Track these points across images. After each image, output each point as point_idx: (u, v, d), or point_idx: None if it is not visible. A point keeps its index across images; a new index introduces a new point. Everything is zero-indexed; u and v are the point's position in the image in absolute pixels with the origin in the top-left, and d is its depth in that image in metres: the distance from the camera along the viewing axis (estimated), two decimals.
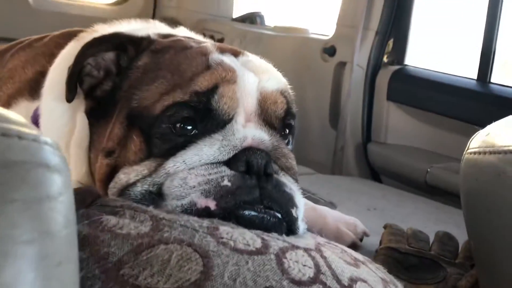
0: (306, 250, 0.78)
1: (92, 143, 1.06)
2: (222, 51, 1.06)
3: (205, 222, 0.76)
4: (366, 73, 2.76)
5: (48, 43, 1.34)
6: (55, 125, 1.13)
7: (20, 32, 2.07)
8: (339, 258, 0.81)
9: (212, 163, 0.92)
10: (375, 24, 2.73)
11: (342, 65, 2.87)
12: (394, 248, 1.45)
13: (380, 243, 1.52)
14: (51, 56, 1.23)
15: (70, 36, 1.25)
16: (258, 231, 0.82)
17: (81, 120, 1.10)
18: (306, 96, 2.99)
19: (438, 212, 2.05)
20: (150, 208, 0.77)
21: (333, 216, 1.57)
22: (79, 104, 1.10)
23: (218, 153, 0.92)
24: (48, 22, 3.01)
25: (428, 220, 1.91)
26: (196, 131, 0.95)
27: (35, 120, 1.17)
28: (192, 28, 1.41)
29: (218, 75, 0.98)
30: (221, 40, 3.45)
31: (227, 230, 0.75)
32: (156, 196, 0.91)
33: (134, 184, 0.94)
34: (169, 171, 0.92)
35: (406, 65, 2.78)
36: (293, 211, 0.94)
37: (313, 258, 0.76)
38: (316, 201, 2.04)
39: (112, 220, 0.69)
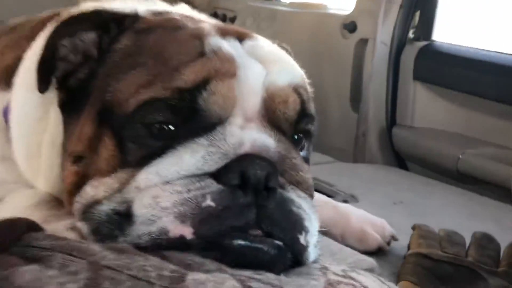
0: None
1: (65, 143, 0.89)
2: (224, 33, 0.85)
3: (169, 267, 0.57)
4: (390, 50, 2.60)
5: (35, 26, 1.16)
6: (27, 120, 0.96)
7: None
8: None
9: (195, 176, 0.73)
10: None
11: (363, 42, 2.70)
12: (425, 255, 1.29)
13: (409, 247, 1.35)
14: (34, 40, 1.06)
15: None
16: (246, 274, 0.63)
17: (55, 114, 0.92)
18: (325, 77, 2.82)
19: (472, 204, 1.90)
20: (96, 247, 0.58)
21: (357, 216, 1.41)
22: (54, 96, 0.92)
23: (203, 162, 0.73)
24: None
25: (461, 214, 1.77)
26: (180, 134, 0.76)
27: (6, 113, 1.01)
28: (205, 6, 1.22)
29: (212, 66, 0.78)
30: (233, 19, 3.28)
31: (198, 279, 0.56)
32: (123, 219, 0.73)
33: (100, 201, 0.76)
34: (139, 184, 0.74)
35: (434, 40, 2.61)
36: (301, 237, 0.75)
37: None
38: (335, 193, 1.89)
39: (28, 273, 0.51)
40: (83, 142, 0.82)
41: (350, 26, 2.73)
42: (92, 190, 0.78)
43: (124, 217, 0.73)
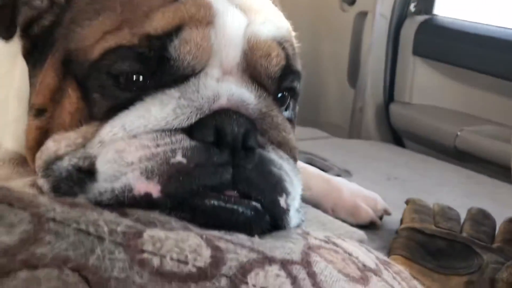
0: (283, 264, 0.53)
1: (31, 97, 0.83)
2: None
3: (125, 223, 0.51)
4: (390, 24, 2.52)
5: None
6: None
7: None
8: (337, 272, 0.56)
9: (165, 130, 0.66)
10: None
11: (362, 15, 2.63)
12: (418, 229, 1.24)
13: (401, 221, 1.31)
14: None
15: None
16: (215, 234, 0.57)
17: (22, 66, 0.85)
18: (322, 51, 2.75)
19: (469, 182, 1.86)
20: (44, 199, 0.52)
21: (350, 189, 1.36)
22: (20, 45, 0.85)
23: (173, 116, 0.67)
24: None
25: (457, 192, 1.73)
26: (149, 84, 0.70)
27: None
28: None
29: (186, 11, 0.71)
30: None
31: (156, 236, 0.50)
32: (85, 175, 0.67)
33: (62, 157, 0.70)
34: (103, 138, 0.67)
35: (435, 14, 2.53)
36: (282, 200, 0.69)
37: (293, 279, 0.51)
38: (329, 168, 1.85)
39: None
40: (45, 94, 0.75)
41: None
42: (54, 145, 0.72)
43: (86, 173, 0.67)
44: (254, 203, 0.66)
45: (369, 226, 1.30)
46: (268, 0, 0.87)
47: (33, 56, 0.81)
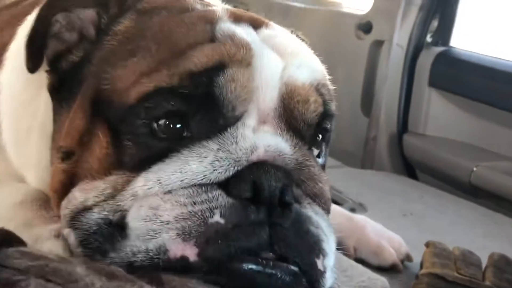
0: None
1: (54, 134, 0.80)
2: (237, 19, 0.76)
3: None
4: (406, 54, 2.50)
5: (36, 1, 1.07)
6: (15, 102, 0.88)
7: None
8: None
9: (202, 185, 0.63)
10: None
11: (378, 44, 2.62)
12: (439, 275, 1.20)
13: (421, 265, 1.27)
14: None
15: None
16: None
17: (46, 99, 0.83)
18: (336, 78, 2.63)
19: (486, 220, 1.83)
20: (81, 270, 0.49)
21: (374, 228, 1.33)
22: (45, 78, 0.83)
23: (211, 169, 0.64)
24: None
25: (475, 231, 1.71)
26: (186, 134, 0.67)
27: None
28: None
29: (226, 50, 0.69)
30: None
31: None
32: (116, 230, 0.64)
33: (91, 208, 0.67)
34: (137, 192, 0.65)
35: (452, 46, 2.52)
36: (319, 262, 0.66)
37: None
38: (343, 201, 1.82)
39: None
40: (73, 136, 0.73)
41: (365, 27, 2.65)
42: (82, 194, 0.69)
43: (117, 228, 0.64)
44: (292, 267, 0.63)
45: (389, 270, 1.27)
46: (302, 43, 0.85)
47: (59, 92, 0.79)
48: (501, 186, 2.06)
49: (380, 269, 1.24)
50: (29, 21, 0.90)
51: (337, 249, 1.24)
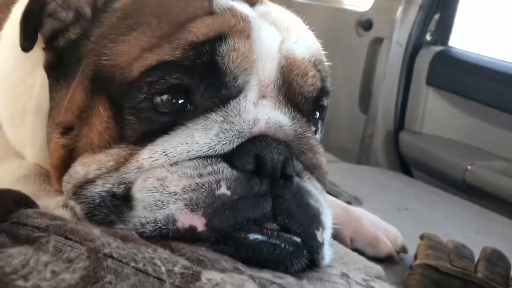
0: None
1: (51, 111, 0.80)
2: None
3: (180, 262, 0.49)
4: (405, 52, 2.53)
5: None
6: (9, 81, 0.87)
7: None
8: None
9: (206, 157, 0.65)
10: None
11: (378, 41, 2.64)
12: (432, 267, 1.21)
13: (415, 256, 1.28)
14: None
15: None
16: (267, 277, 0.56)
17: (42, 78, 0.83)
18: (335, 74, 2.68)
19: (479, 218, 1.85)
20: (97, 231, 0.50)
21: (370, 220, 1.34)
22: (40, 56, 0.82)
23: (216, 141, 0.65)
24: None
25: (467, 228, 1.72)
26: (189, 107, 0.68)
27: None
28: None
29: (226, 22, 0.70)
30: None
31: (214, 280, 0.48)
32: (122, 202, 0.65)
33: (93, 180, 0.68)
34: (142, 164, 0.65)
35: (450, 46, 2.54)
36: (318, 234, 0.68)
37: None
38: (339, 194, 1.83)
39: (17, 258, 0.43)
40: (72, 111, 0.73)
41: (365, 24, 2.67)
42: (83, 168, 0.69)
43: (122, 200, 0.65)
44: (294, 238, 0.65)
45: (385, 260, 1.28)
46: (299, 19, 0.86)
47: (57, 70, 0.79)
48: (494, 184, 2.09)
49: (376, 260, 1.26)
50: (24, 0, 0.90)
51: (334, 238, 1.26)
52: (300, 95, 0.74)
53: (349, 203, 1.68)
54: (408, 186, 2.08)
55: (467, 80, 2.35)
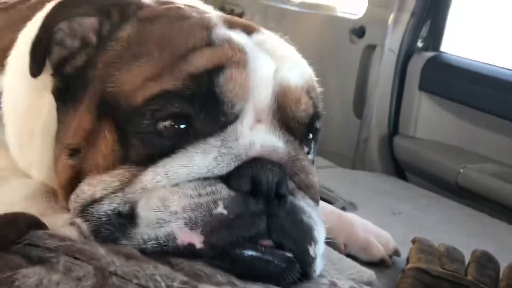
0: None
1: (58, 133, 0.85)
2: (231, 25, 0.82)
3: (179, 278, 0.54)
4: (398, 58, 2.56)
5: (34, 5, 1.11)
6: (18, 106, 0.91)
7: None
8: None
9: (205, 179, 0.69)
10: (411, 5, 2.50)
11: (371, 48, 2.68)
12: (424, 270, 1.25)
13: (407, 260, 1.32)
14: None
15: None
16: (257, 287, 0.60)
17: (49, 102, 0.87)
18: (329, 81, 2.78)
19: (471, 221, 1.89)
20: (102, 250, 0.55)
21: (363, 225, 1.38)
22: (48, 81, 0.87)
23: (214, 164, 0.70)
24: None
25: (459, 231, 1.77)
26: (189, 132, 0.73)
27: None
28: (213, 0, 1.17)
29: (223, 53, 0.75)
30: (240, 15, 3.23)
31: None
32: (126, 220, 0.69)
33: (100, 200, 0.72)
34: (146, 185, 0.70)
35: (442, 52, 2.57)
36: (311, 249, 0.72)
37: None
38: (334, 200, 1.87)
39: (32, 277, 0.47)
40: (80, 135, 0.78)
41: (358, 31, 2.71)
42: (89, 188, 0.74)
43: (127, 219, 0.70)
44: (287, 254, 0.70)
45: (378, 264, 1.32)
46: (292, 47, 0.91)
47: (65, 94, 0.84)
48: (486, 187, 2.12)
49: (369, 264, 1.30)
50: (30, 27, 0.93)
51: (328, 245, 1.30)
52: (293, 119, 0.79)
53: (344, 208, 1.73)
54: (402, 190, 2.12)
55: (459, 85, 2.38)
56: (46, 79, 0.86)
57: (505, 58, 2.49)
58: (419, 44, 2.56)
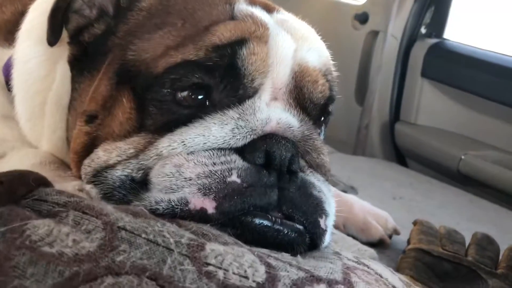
0: (329, 283, 0.56)
1: (72, 102, 0.85)
2: (252, 2, 0.83)
3: (187, 235, 0.54)
4: (401, 44, 2.55)
5: None
6: (31, 76, 0.92)
7: None
8: None
9: (221, 149, 0.70)
10: None
11: (374, 34, 2.67)
12: (425, 250, 1.26)
13: (408, 242, 1.33)
14: None
15: None
16: (264, 251, 0.60)
17: (62, 72, 0.88)
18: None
19: (472, 206, 1.89)
20: (110, 208, 0.55)
21: (361, 206, 1.40)
22: (62, 51, 0.88)
23: (231, 135, 0.71)
24: None
25: (460, 215, 1.76)
26: (208, 103, 0.73)
27: (7, 70, 0.96)
28: None
29: (246, 27, 0.75)
30: None
31: (216, 250, 0.53)
32: (139, 185, 0.70)
33: (114, 166, 0.73)
34: (161, 152, 0.70)
35: (445, 38, 2.56)
36: (322, 221, 0.73)
37: None
38: (334, 183, 1.87)
39: (42, 228, 0.47)
40: (97, 101, 0.78)
41: (361, 17, 2.70)
42: (104, 154, 0.74)
43: (140, 184, 0.70)
44: (297, 225, 0.70)
45: (378, 244, 1.33)
46: (312, 29, 0.91)
47: (81, 62, 0.84)
48: (487, 174, 2.13)
49: (369, 245, 1.30)
50: (40, 1, 0.94)
51: None
52: (309, 100, 0.80)
53: (345, 191, 1.73)
54: (403, 176, 2.12)
55: (461, 72, 2.38)
56: (61, 49, 0.86)
57: (507, 45, 2.47)
58: (422, 30, 2.56)
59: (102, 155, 0.75)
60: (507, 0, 2.72)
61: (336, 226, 1.30)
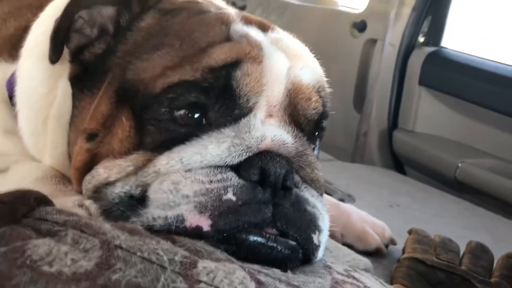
0: None
1: (74, 118, 0.87)
2: (248, 22, 0.85)
3: (180, 252, 0.56)
4: (398, 53, 2.57)
5: None
6: (34, 94, 0.94)
7: None
8: None
9: (217, 167, 0.72)
10: (412, 0, 2.51)
11: (372, 42, 2.70)
12: (419, 260, 1.27)
13: (403, 250, 1.34)
14: (39, 9, 1.01)
15: None
16: (255, 267, 0.62)
17: (64, 89, 0.90)
18: (330, 74, 2.70)
19: (467, 214, 1.91)
20: (107, 226, 0.57)
21: (359, 215, 1.41)
22: (64, 69, 0.90)
23: (227, 153, 0.73)
24: None
25: (456, 223, 1.78)
26: (204, 122, 0.75)
27: (11, 86, 0.98)
28: None
29: (241, 49, 0.78)
30: (243, 8, 3.25)
31: (208, 267, 0.55)
32: (137, 202, 0.72)
33: (113, 183, 0.75)
34: (159, 169, 0.73)
35: (442, 47, 2.59)
36: (315, 236, 0.75)
37: None
38: (332, 191, 1.89)
39: (42, 247, 0.50)
40: (97, 120, 0.80)
41: (360, 25, 2.72)
42: (105, 171, 0.76)
43: (138, 200, 0.72)
44: (291, 242, 0.72)
45: (374, 253, 1.34)
46: (305, 47, 0.93)
47: (82, 80, 0.86)
48: (484, 181, 2.14)
49: (365, 253, 1.32)
50: (45, 16, 0.96)
51: None
52: (303, 117, 0.82)
53: (342, 200, 1.74)
54: (400, 184, 2.14)
55: (459, 80, 2.40)
56: (63, 66, 0.88)
57: (505, 54, 2.49)
58: (420, 39, 2.58)
59: (102, 172, 0.77)
60: (504, 9, 2.74)
61: (334, 235, 1.32)
